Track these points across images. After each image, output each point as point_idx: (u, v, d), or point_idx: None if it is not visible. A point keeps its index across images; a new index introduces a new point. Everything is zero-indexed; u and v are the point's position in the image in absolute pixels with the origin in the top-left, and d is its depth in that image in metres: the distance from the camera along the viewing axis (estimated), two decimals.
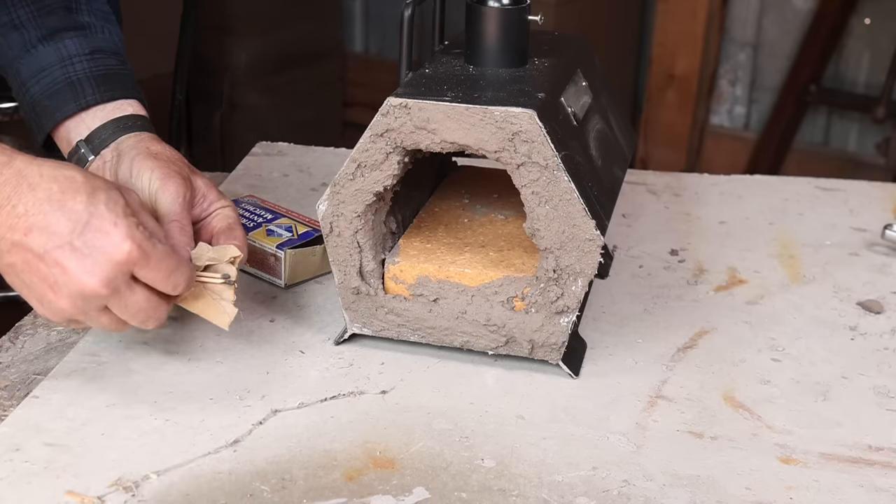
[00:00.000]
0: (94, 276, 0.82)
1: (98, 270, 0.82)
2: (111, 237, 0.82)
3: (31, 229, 0.82)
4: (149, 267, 0.84)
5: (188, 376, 0.94)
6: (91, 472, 0.82)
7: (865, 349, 1.03)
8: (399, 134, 0.91)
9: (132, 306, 0.85)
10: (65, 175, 0.83)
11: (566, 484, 0.83)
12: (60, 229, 0.82)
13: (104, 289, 0.82)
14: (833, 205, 1.34)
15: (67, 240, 0.82)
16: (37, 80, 1.05)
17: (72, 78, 1.04)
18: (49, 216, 0.82)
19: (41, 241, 0.82)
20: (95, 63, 1.05)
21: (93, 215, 0.82)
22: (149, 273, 0.84)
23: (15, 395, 0.92)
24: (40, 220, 0.82)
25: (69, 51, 1.05)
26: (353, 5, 3.51)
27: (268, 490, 0.81)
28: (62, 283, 0.82)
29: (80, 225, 0.82)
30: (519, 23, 0.97)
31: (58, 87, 1.04)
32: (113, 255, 0.82)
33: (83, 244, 0.82)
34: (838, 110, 3.07)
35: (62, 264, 0.82)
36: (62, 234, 0.82)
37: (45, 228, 0.82)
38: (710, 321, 1.06)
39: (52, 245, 0.82)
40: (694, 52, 3.08)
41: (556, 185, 0.89)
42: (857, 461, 0.87)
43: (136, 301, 0.85)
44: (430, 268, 0.97)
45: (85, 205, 0.82)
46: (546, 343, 0.94)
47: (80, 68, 1.05)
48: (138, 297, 0.85)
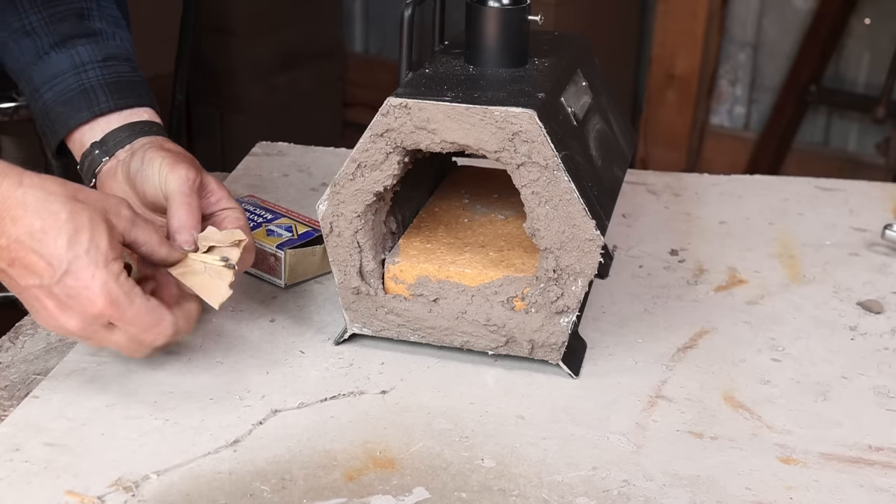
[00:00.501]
0: (70, 320, 0.84)
1: (74, 317, 0.84)
2: (88, 291, 0.82)
3: (14, 263, 0.83)
4: (124, 320, 0.85)
5: (188, 376, 0.94)
6: (91, 472, 0.82)
7: (865, 349, 1.03)
8: (399, 134, 0.91)
9: (115, 345, 0.87)
10: (49, 211, 0.82)
11: (566, 484, 0.83)
12: (40, 272, 0.82)
13: (81, 332, 0.85)
14: (833, 205, 1.34)
15: (46, 284, 0.83)
16: (49, 86, 1.05)
17: (85, 85, 1.05)
18: (30, 256, 0.82)
19: (22, 276, 0.83)
20: (108, 70, 1.06)
21: (72, 263, 0.82)
22: (125, 326, 0.86)
23: (15, 395, 0.92)
24: (22, 256, 0.82)
25: (82, 58, 1.06)
26: (353, 5, 3.51)
27: (268, 490, 0.81)
28: (43, 317, 0.85)
29: (59, 272, 0.82)
30: (519, 23, 0.97)
31: (71, 94, 1.04)
32: (86, 308, 0.83)
33: (60, 291, 0.83)
34: (838, 110, 3.07)
35: (42, 302, 0.84)
36: (42, 277, 0.82)
37: (27, 267, 0.83)
38: (710, 321, 1.06)
39: (32, 284, 0.83)
40: (694, 52, 3.08)
41: (556, 185, 0.89)
42: (857, 461, 0.87)
43: (116, 341, 0.87)
44: (430, 268, 0.97)
45: (65, 250, 0.82)
46: (546, 343, 0.94)
47: (94, 75, 1.05)
48: (118, 339, 0.87)
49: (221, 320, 1.03)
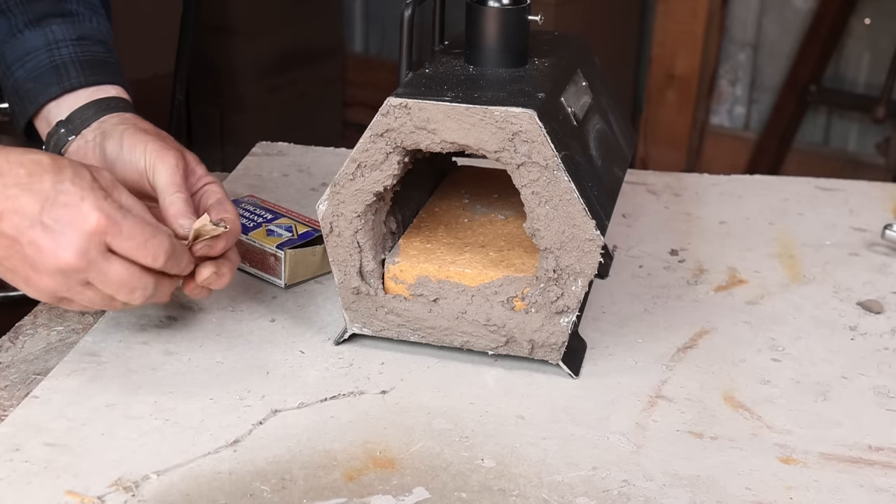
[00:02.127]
0: (67, 251, 0.83)
1: (70, 244, 0.83)
2: (79, 209, 0.83)
3: (3, 214, 0.83)
4: (121, 236, 0.84)
5: (188, 376, 0.94)
6: (91, 472, 0.82)
7: (865, 349, 1.03)
8: (399, 134, 0.91)
9: (113, 278, 0.85)
10: (31, 159, 0.84)
11: (566, 484, 0.83)
12: (29, 210, 0.83)
13: (79, 261, 0.83)
14: (833, 205, 1.34)
15: (38, 219, 0.83)
16: (21, 63, 1.05)
17: (56, 61, 1.04)
18: (18, 199, 0.83)
19: (13, 224, 0.83)
20: (82, 48, 1.05)
21: (59, 192, 0.83)
22: (123, 243, 0.84)
23: (15, 395, 0.92)
24: (10, 203, 0.83)
25: (56, 35, 1.05)
26: (353, 5, 3.51)
27: (268, 490, 0.81)
28: (39, 262, 0.83)
29: (48, 203, 0.83)
30: (519, 23, 0.97)
31: (42, 70, 1.04)
32: (82, 226, 0.83)
33: (52, 221, 0.83)
34: (838, 110, 3.07)
35: (36, 243, 0.83)
36: (32, 215, 0.83)
37: (16, 211, 0.83)
38: (710, 321, 1.06)
39: (25, 226, 0.83)
40: (694, 52, 3.08)
41: (556, 185, 0.89)
42: (857, 461, 0.87)
43: (115, 272, 0.85)
44: (430, 268, 0.97)
45: (51, 183, 0.83)
46: (546, 343, 0.94)
47: (66, 52, 1.04)
48: (117, 268, 0.85)
49: (221, 320, 1.03)
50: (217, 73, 3.07)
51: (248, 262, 1.10)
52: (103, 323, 1.02)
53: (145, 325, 1.02)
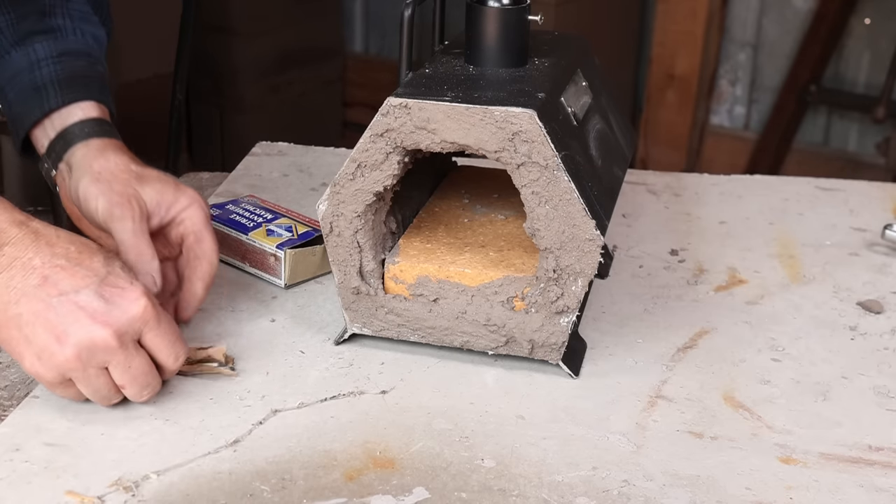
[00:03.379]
0: (107, 327, 0.83)
1: (113, 321, 0.83)
2: (129, 293, 0.85)
3: (47, 280, 0.83)
4: (158, 329, 0.86)
5: (188, 376, 0.94)
6: (91, 472, 0.82)
7: (865, 349, 1.03)
8: (399, 134, 0.91)
9: (135, 368, 0.86)
10: (81, 241, 0.86)
11: (566, 484, 0.83)
12: (78, 281, 0.83)
13: (114, 340, 0.83)
14: (833, 205, 1.34)
15: (86, 290, 0.83)
16: (11, 86, 1.06)
17: (38, 82, 1.04)
18: (67, 270, 0.84)
19: (55, 289, 0.83)
20: (61, 66, 1.05)
21: (109, 273, 0.85)
22: (156, 337, 0.86)
23: (15, 395, 0.92)
24: (57, 272, 0.84)
25: (38, 54, 1.05)
26: (353, 5, 3.51)
27: (268, 490, 0.81)
28: (72, 332, 0.83)
29: (98, 279, 0.84)
30: (519, 23, 0.97)
31: (26, 93, 1.04)
32: (129, 308, 0.84)
33: (99, 296, 0.84)
34: (838, 110, 3.07)
35: (75, 313, 0.83)
36: (79, 286, 0.83)
37: (61, 281, 0.83)
38: (710, 321, 1.06)
39: (70, 293, 0.83)
40: (694, 52, 3.08)
41: (556, 185, 0.89)
42: (857, 461, 0.87)
43: (139, 363, 0.86)
44: (430, 268, 0.97)
45: (102, 264, 0.85)
46: (546, 343, 0.94)
47: (47, 72, 1.04)
48: (142, 360, 0.86)
49: (221, 320, 1.03)
50: (217, 73, 3.07)
51: (249, 261, 1.10)
52: None
53: None
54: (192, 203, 0.99)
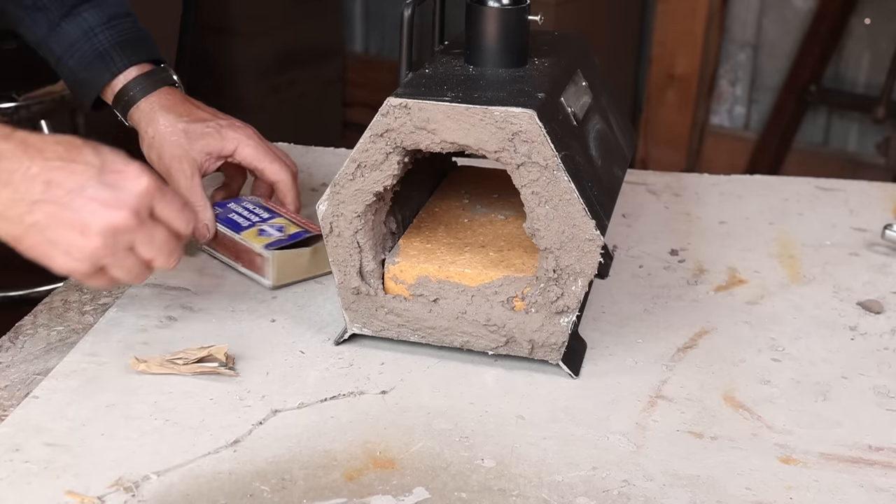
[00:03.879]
0: (122, 209, 0.87)
1: (125, 202, 0.87)
2: (129, 173, 0.88)
3: (50, 184, 0.86)
4: (165, 200, 0.89)
5: (188, 376, 0.94)
6: (91, 472, 0.82)
7: (865, 349, 1.03)
8: (399, 134, 0.91)
9: (158, 238, 0.89)
10: (65, 139, 0.89)
11: (566, 484, 0.83)
12: (78, 177, 0.87)
13: (133, 219, 0.87)
14: (833, 205, 1.34)
15: (89, 183, 0.87)
16: (70, 55, 1.17)
17: (98, 49, 1.16)
18: (64, 169, 0.87)
19: (62, 190, 0.86)
20: (115, 31, 1.17)
21: (104, 161, 0.88)
22: (165, 207, 0.90)
23: (15, 395, 0.92)
24: (56, 174, 0.86)
25: (89, 23, 1.17)
26: (353, 5, 3.51)
27: (268, 490, 0.81)
28: (92, 222, 0.86)
29: (95, 170, 0.87)
30: (519, 23, 0.97)
31: (89, 60, 1.16)
32: (134, 187, 0.87)
33: (104, 184, 0.87)
34: (838, 110, 3.07)
35: (89, 205, 0.86)
36: (82, 180, 0.87)
37: (64, 181, 0.86)
38: (710, 321, 1.06)
39: (76, 190, 0.86)
40: (694, 52, 3.08)
41: (556, 185, 0.89)
42: (857, 461, 0.87)
43: (160, 233, 0.89)
44: (430, 268, 0.97)
45: (93, 155, 0.88)
46: (546, 343, 0.94)
47: (104, 38, 1.17)
48: (162, 230, 0.90)
49: (221, 320, 1.03)
50: (217, 73, 3.07)
51: (241, 261, 1.10)
52: (103, 323, 1.02)
53: (145, 326, 1.02)
54: (238, 143, 1.14)
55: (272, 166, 1.14)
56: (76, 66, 1.17)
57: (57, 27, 1.17)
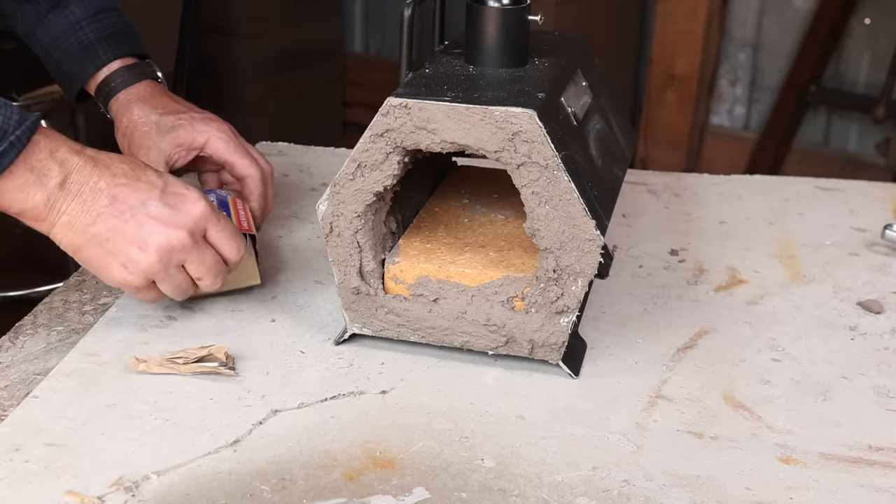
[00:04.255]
0: (180, 229, 0.94)
1: (183, 223, 0.94)
2: (189, 197, 0.95)
3: (115, 199, 0.93)
4: (218, 226, 0.97)
5: (188, 376, 0.94)
6: (91, 472, 0.82)
7: (865, 349, 1.03)
8: (399, 134, 0.91)
9: (208, 260, 0.96)
10: (129, 159, 0.97)
11: (566, 484, 0.83)
12: (143, 195, 0.94)
13: (188, 239, 0.94)
14: (833, 205, 1.34)
15: (153, 201, 0.94)
16: (56, 46, 1.19)
17: (84, 42, 1.18)
18: (129, 186, 0.94)
19: (126, 206, 0.93)
20: (101, 24, 1.19)
21: (167, 183, 0.95)
22: (218, 233, 0.97)
23: (15, 395, 0.92)
24: (122, 191, 0.93)
25: (76, 16, 1.18)
26: (353, 5, 3.51)
27: (268, 490, 0.81)
28: (150, 240, 0.93)
29: (158, 190, 0.94)
30: (519, 23, 0.97)
31: (74, 52, 1.18)
32: (193, 209, 0.95)
33: (165, 204, 0.94)
34: (838, 110, 3.07)
35: (150, 223, 0.93)
36: (145, 199, 0.93)
37: (129, 197, 0.93)
38: (710, 321, 1.06)
39: (139, 207, 0.93)
40: (694, 52, 3.08)
41: (556, 185, 0.89)
42: (857, 461, 0.87)
43: (210, 255, 0.96)
44: (430, 268, 0.97)
45: (156, 176, 0.95)
46: (546, 343, 0.94)
47: (90, 31, 1.18)
48: (212, 253, 0.97)
49: (221, 320, 1.03)
50: (217, 73, 3.07)
51: None
52: (103, 323, 1.02)
53: (145, 325, 1.02)
54: (209, 137, 1.13)
55: (242, 161, 1.13)
56: (62, 58, 1.19)
57: (44, 19, 1.18)
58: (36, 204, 0.91)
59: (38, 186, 0.91)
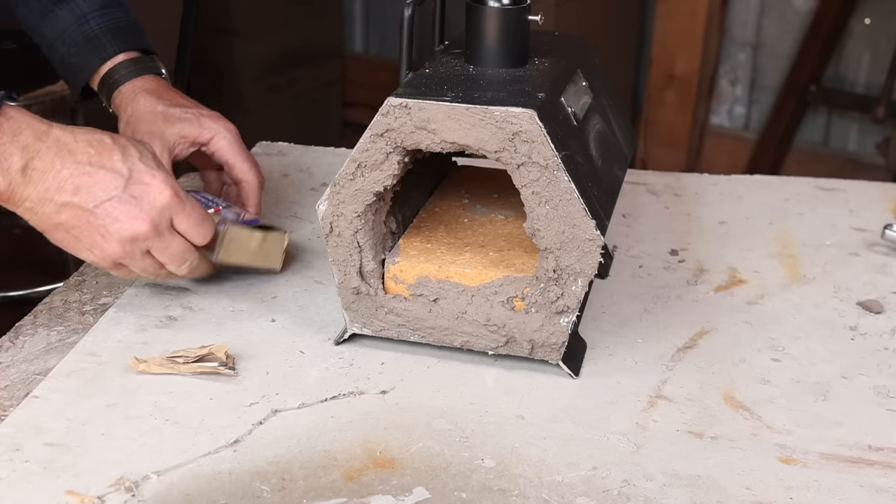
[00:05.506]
0: (142, 222, 0.94)
1: (145, 215, 0.94)
2: (152, 186, 0.95)
3: (79, 189, 0.92)
4: (183, 214, 0.96)
5: (188, 376, 0.94)
6: (91, 472, 0.82)
7: (865, 349, 1.03)
8: (399, 134, 0.91)
9: (172, 248, 0.97)
10: (96, 138, 0.95)
11: (566, 484, 0.83)
12: (107, 185, 0.93)
13: (150, 231, 0.94)
14: (833, 205, 1.34)
15: (115, 193, 0.93)
16: (61, 40, 1.19)
17: (89, 34, 1.18)
18: (93, 175, 0.93)
19: (90, 197, 0.93)
20: (106, 18, 1.19)
21: (132, 170, 0.94)
22: (184, 220, 0.97)
23: (15, 395, 0.92)
24: (86, 179, 0.93)
25: (82, 10, 1.18)
26: (353, 5, 3.51)
27: (268, 490, 0.81)
28: (113, 231, 0.94)
29: (123, 179, 0.94)
30: (519, 23, 0.97)
31: (80, 45, 1.18)
32: (156, 200, 0.94)
33: (129, 195, 0.94)
34: (838, 110, 3.07)
35: (113, 214, 0.93)
36: (109, 189, 0.93)
37: (92, 187, 0.93)
38: (710, 321, 1.06)
39: (102, 199, 0.93)
40: (694, 52, 3.08)
41: (556, 185, 0.89)
42: (857, 461, 0.87)
43: (176, 244, 0.97)
44: (430, 268, 0.97)
45: (122, 161, 0.94)
46: (546, 343, 0.94)
47: (95, 24, 1.18)
48: (178, 241, 0.97)
49: (221, 320, 1.03)
50: (217, 73, 3.07)
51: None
52: (103, 323, 1.02)
53: (145, 325, 1.02)
54: (215, 135, 1.13)
55: (243, 165, 1.14)
56: (67, 52, 1.19)
57: (50, 13, 1.18)
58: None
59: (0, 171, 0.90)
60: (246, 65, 3.08)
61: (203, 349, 0.95)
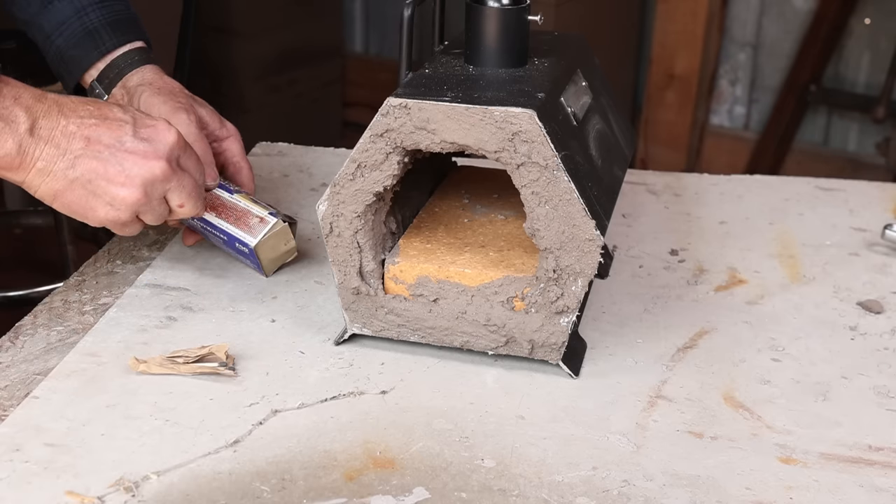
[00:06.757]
0: (160, 160, 0.95)
1: (161, 153, 0.95)
2: (160, 127, 0.97)
3: (90, 140, 0.94)
4: (189, 153, 0.99)
5: (188, 376, 0.94)
6: (91, 472, 0.82)
7: (865, 349, 1.03)
8: (399, 134, 0.91)
9: (188, 185, 0.98)
10: (91, 99, 0.97)
11: (566, 484, 0.83)
12: (116, 132, 0.94)
13: (169, 168, 0.96)
14: (833, 205, 1.34)
15: (126, 138, 0.94)
16: (59, 32, 1.18)
17: (88, 27, 1.17)
18: (101, 126, 0.94)
19: (102, 146, 0.94)
20: (106, 10, 1.18)
21: (135, 117, 0.96)
22: (188, 159, 0.99)
23: (15, 395, 0.92)
24: (94, 131, 0.94)
25: (81, 2, 1.18)
26: (353, 5, 3.51)
27: (268, 490, 0.81)
28: (134, 174, 0.94)
29: (130, 125, 0.95)
30: (519, 23, 0.97)
31: (78, 38, 1.17)
32: (166, 138, 0.96)
33: (139, 139, 0.95)
34: (838, 110, 3.07)
35: (130, 158, 0.94)
36: (119, 136, 0.94)
37: (102, 136, 0.94)
38: (710, 321, 1.06)
39: (115, 146, 0.94)
40: (694, 52, 3.08)
41: (556, 185, 0.89)
42: (857, 461, 0.87)
43: (189, 181, 0.98)
44: (430, 268, 0.97)
45: (122, 112, 0.96)
46: (546, 343, 0.94)
47: (95, 17, 1.18)
48: (190, 178, 0.99)
49: (221, 320, 1.03)
50: (217, 73, 3.07)
51: (219, 214, 1.08)
52: (103, 323, 1.02)
53: (145, 326, 1.02)
54: (232, 136, 1.15)
55: (249, 173, 1.15)
56: (64, 45, 1.18)
57: (49, 4, 1.18)
58: (8, 151, 0.91)
59: (9, 133, 0.91)
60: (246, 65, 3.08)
61: (203, 349, 0.95)
